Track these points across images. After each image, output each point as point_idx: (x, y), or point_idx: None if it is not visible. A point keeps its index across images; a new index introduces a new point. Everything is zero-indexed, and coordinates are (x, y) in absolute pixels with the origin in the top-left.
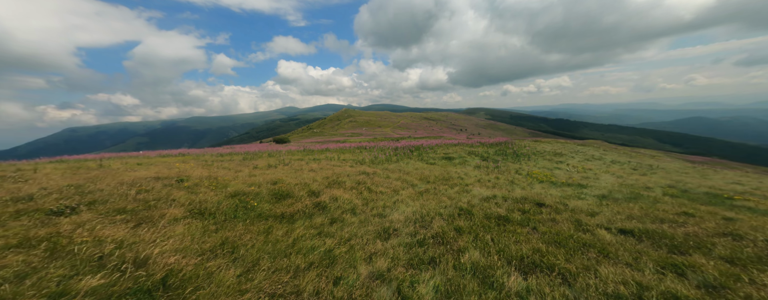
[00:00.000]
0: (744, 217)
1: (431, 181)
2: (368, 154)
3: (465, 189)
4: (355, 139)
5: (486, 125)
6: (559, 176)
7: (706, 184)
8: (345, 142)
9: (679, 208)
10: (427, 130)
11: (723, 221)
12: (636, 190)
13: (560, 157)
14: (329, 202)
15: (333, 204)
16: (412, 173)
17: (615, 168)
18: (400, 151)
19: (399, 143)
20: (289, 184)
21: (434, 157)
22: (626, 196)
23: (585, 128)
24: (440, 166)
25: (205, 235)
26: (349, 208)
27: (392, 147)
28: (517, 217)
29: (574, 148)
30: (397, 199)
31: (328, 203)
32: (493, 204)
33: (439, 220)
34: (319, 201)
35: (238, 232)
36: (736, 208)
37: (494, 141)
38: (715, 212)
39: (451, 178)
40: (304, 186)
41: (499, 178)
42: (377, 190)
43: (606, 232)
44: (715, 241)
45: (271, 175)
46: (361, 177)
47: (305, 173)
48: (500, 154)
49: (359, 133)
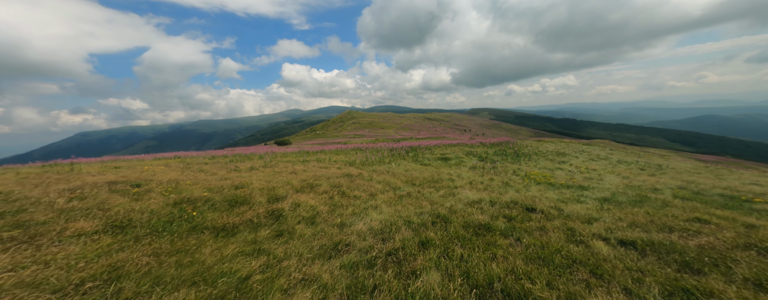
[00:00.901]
0: (736, 216)
1: (417, 183)
2: (362, 155)
3: (452, 192)
4: (357, 141)
5: (490, 125)
6: (560, 177)
7: (721, 185)
8: (346, 144)
9: (691, 213)
10: (430, 130)
11: (744, 229)
12: (643, 192)
13: (563, 157)
14: (288, 210)
15: (292, 212)
16: (401, 175)
17: (621, 168)
18: (396, 152)
19: (397, 144)
20: (253, 189)
21: (430, 157)
22: (631, 198)
23: (592, 128)
24: (434, 167)
25: (100, 257)
26: (308, 216)
27: (389, 148)
28: (501, 226)
29: (578, 147)
30: (370, 204)
31: (287, 211)
32: (477, 209)
33: (406, 231)
34: (277, 208)
35: (144, 252)
36: (756, 213)
37: (495, 141)
38: (733, 218)
39: (440, 180)
40: (269, 190)
41: (494, 180)
42: (352, 195)
43: (603, 243)
44: (737, 256)
45: (245, 178)
46: (341, 179)
47: (283, 176)
48: (500, 155)
49: (362, 134)
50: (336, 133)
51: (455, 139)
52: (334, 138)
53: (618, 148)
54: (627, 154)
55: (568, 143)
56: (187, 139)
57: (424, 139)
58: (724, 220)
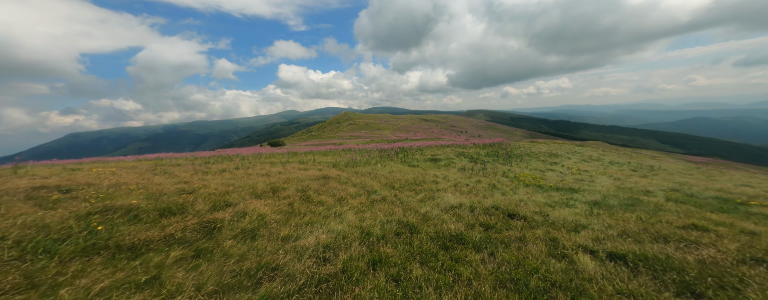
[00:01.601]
0: (761, 227)
1: (397, 186)
2: (351, 156)
3: (433, 195)
4: (352, 142)
5: (486, 127)
6: (550, 179)
7: (713, 186)
8: (340, 145)
9: (687, 219)
10: (426, 132)
11: (745, 237)
12: (634, 194)
13: (555, 158)
14: (230, 220)
15: (234, 222)
16: (383, 177)
17: (613, 169)
18: (386, 153)
19: (392, 145)
20: (199, 195)
21: (420, 158)
22: (623, 202)
23: (585, 129)
24: (422, 168)
25: None
26: (251, 228)
27: (380, 149)
28: (475, 237)
29: (571, 148)
30: (334, 211)
31: (227, 222)
32: (453, 216)
33: (360, 247)
34: (214, 219)
35: None
36: (754, 217)
37: (488, 142)
38: (731, 223)
39: (424, 182)
40: (220, 196)
41: (481, 182)
42: (316, 200)
43: (589, 258)
44: (745, 274)
45: (203, 181)
46: (314, 182)
47: (252, 179)
48: (491, 156)
49: (358, 135)
50: (332, 135)
51: (450, 140)
52: (330, 139)
53: (610, 150)
54: (619, 155)
55: (560, 144)
56: (182, 141)
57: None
58: (723, 226)
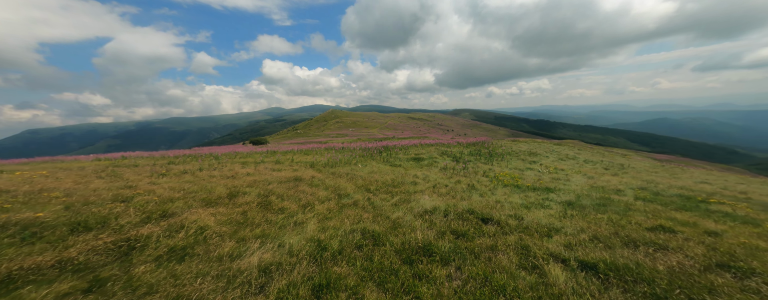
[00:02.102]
0: (728, 228)
1: (373, 188)
2: (333, 155)
3: (409, 198)
4: (338, 140)
5: (471, 125)
6: (528, 178)
7: (676, 184)
8: (325, 143)
9: (654, 220)
10: (414, 130)
11: (709, 239)
12: (606, 193)
13: (534, 157)
14: (159, 236)
15: (162, 239)
16: (361, 178)
17: (587, 168)
18: (370, 151)
19: (379, 143)
20: (137, 203)
21: (403, 158)
22: (595, 202)
23: (563, 128)
24: (404, 168)
25: None
26: (183, 245)
27: (364, 147)
28: (444, 247)
29: (550, 147)
30: (295, 220)
31: (155, 237)
32: (425, 223)
33: (307, 267)
34: (139, 234)
35: None
36: (714, 215)
37: (472, 141)
38: (694, 222)
39: (402, 184)
40: (162, 204)
41: (460, 182)
42: (278, 207)
43: (560, 268)
44: (713, 283)
45: (152, 185)
46: (281, 186)
47: (214, 181)
48: (474, 155)
49: (345, 133)
50: (318, 133)
51: (436, 138)
52: (316, 137)
53: (585, 148)
54: (593, 153)
55: (540, 143)
56: (157, 138)
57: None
58: (687, 226)
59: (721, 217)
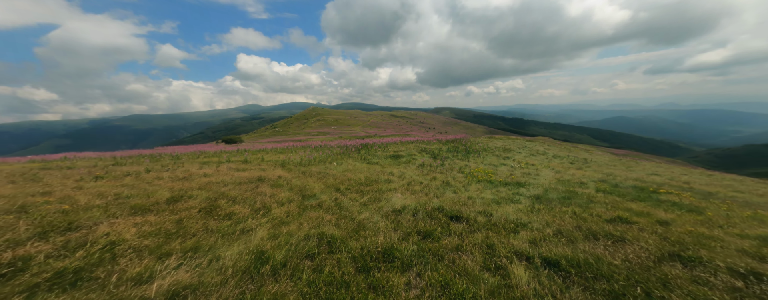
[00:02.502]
0: (676, 217)
1: (344, 188)
2: (308, 153)
3: (380, 197)
4: (319, 138)
5: (451, 123)
6: (501, 173)
7: (631, 176)
8: (305, 142)
9: (613, 212)
10: (396, 128)
11: (660, 228)
12: (571, 187)
13: (508, 153)
14: (49, 255)
15: (52, 261)
16: (333, 177)
17: (555, 162)
18: (348, 149)
19: (356, 141)
20: (35, 213)
21: (382, 155)
22: (561, 195)
23: (535, 126)
24: (381, 165)
25: None
26: (82, 265)
27: (343, 145)
28: (407, 250)
29: (522, 144)
30: (242, 227)
31: (44, 257)
32: (392, 223)
33: (235, 287)
34: (14, 257)
35: None
36: (664, 204)
37: (451, 138)
38: (647, 212)
39: (376, 182)
40: (72, 213)
41: (436, 179)
42: (226, 213)
43: (524, 268)
44: (666, 274)
45: (86, 190)
46: (237, 188)
47: (155, 185)
48: (452, 151)
49: (326, 132)
50: (298, 131)
51: (417, 136)
52: (296, 135)
53: (554, 144)
54: (560, 149)
55: (514, 140)
56: (116, 137)
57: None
58: (641, 216)
59: (670, 207)
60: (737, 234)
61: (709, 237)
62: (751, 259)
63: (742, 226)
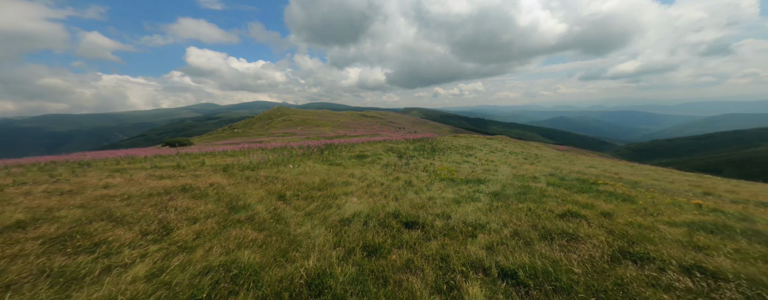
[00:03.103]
0: (615, 207)
1: (290, 194)
2: (263, 155)
3: (331, 203)
4: (283, 139)
5: (420, 123)
6: (463, 171)
7: (574, 169)
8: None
9: (564, 206)
10: (367, 128)
11: (605, 220)
12: (526, 182)
13: (470, 151)
14: None
15: None
16: (282, 182)
17: (512, 158)
18: (310, 150)
19: (323, 141)
20: None
21: (346, 155)
22: (517, 190)
23: (494, 125)
24: (344, 166)
25: None
26: None
27: (306, 146)
28: (343, 276)
29: (483, 141)
30: (110, 263)
31: None
32: (335, 237)
33: None
34: None
35: None
36: (603, 195)
37: (419, 137)
38: (591, 204)
39: (333, 185)
40: None
41: (399, 179)
42: (94, 240)
43: (480, 282)
44: (622, 278)
45: None
46: (137, 202)
47: (17, 203)
48: (419, 150)
49: (293, 132)
50: (261, 132)
51: (387, 136)
52: (258, 137)
53: (510, 142)
54: (516, 146)
55: (476, 138)
56: (25, 141)
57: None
58: (587, 208)
59: (608, 197)
60: (667, 222)
61: (648, 227)
62: (690, 249)
63: (668, 213)
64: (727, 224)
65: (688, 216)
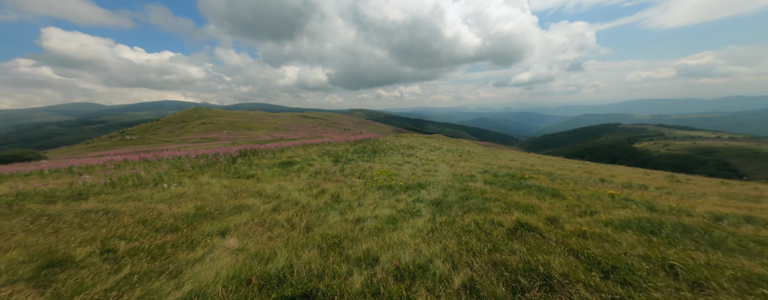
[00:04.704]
0: (553, 208)
1: (81, 256)
2: (131, 171)
3: (176, 260)
4: (197, 147)
5: (365, 124)
6: (403, 174)
7: (501, 163)
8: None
9: (510, 214)
10: (309, 130)
11: (557, 231)
12: (465, 182)
13: (411, 150)
14: None
15: None
16: (117, 219)
17: (449, 156)
18: (216, 159)
19: (239, 147)
20: None
21: (267, 164)
22: (459, 195)
23: (431, 125)
24: (257, 178)
25: None
26: None
27: (213, 154)
28: None
29: (423, 140)
30: None
31: None
32: None
33: None
34: None
35: None
36: (535, 192)
37: (361, 138)
38: (533, 208)
39: (208, 216)
40: None
41: (325, 193)
42: None
43: None
44: None
45: None
46: None
47: None
48: (359, 152)
49: (215, 138)
50: (169, 137)
51: (330, 138)
52: (162, 144)
53: (446, 140)
54: (451, 144)
55: (416, 137)
56: None
57: (296, 139)
58: (530, 213)
59: (540, 193)
60: (606, 222)
61: (601, 237)
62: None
63: (599, 209)
64: (662, 221)
65: (621, 212)
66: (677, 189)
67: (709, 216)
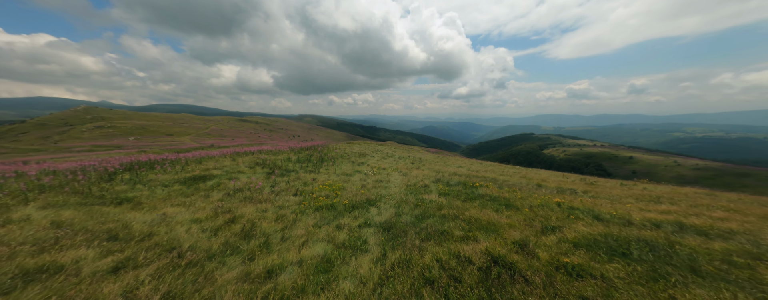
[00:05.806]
0: (514, 225)
1: None
2: None
3: None
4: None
5: (317, 130)
6: (352, 187)
7: (450, 170)
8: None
9: (475, 244)
10: (251, 136)
11: (532, 262)
12: (419, 195)
13: (363, 158)
14: None
15: None
16: None
17: (401, 164)
18: (82, 175)
19: (135, 158)
20: None
21: (167, 180)
22: (414, 214)
23: (384, 132)
24: (135, 204)
25: None
26: None
27: (76, 168)
28: None
29: (376, 147)
30: None
31: None
32: None
33: None
34: None
35: None
36: (489, 203)
37: (307, 145)
38: (495, 226)
39: None
40: None
41: (232, 224)
42: None
43: None
44: None
45: None
46: None
47: None
48: (303, 161)
49: (118, 145)
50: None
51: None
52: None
53: (399, 147)
54: (403, 151)
55: (369, 144)
56: None
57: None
58: (493, 233)
59: (494, 205)
60: (573, 242)
61: (583, 269)
62: None
63: (560, 223)
64: (624, 238)
65: (581, 228)
66: (598, 192)
67: (649, 224)
